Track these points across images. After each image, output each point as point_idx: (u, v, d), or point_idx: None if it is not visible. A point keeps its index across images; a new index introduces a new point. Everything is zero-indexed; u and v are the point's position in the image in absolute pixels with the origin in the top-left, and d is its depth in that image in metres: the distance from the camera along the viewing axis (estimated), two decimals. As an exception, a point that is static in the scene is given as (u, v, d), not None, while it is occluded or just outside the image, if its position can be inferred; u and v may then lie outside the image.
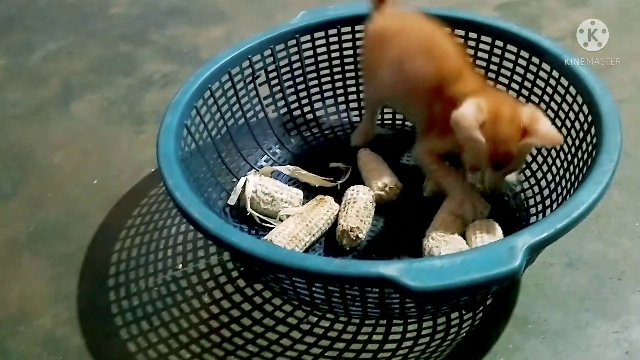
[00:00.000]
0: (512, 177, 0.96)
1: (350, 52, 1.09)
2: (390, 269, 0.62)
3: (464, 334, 0.81)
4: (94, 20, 1.63)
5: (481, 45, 1.02)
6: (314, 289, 0.75)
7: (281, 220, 0.92)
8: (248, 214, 0.94)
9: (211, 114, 0.96)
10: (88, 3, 1.71)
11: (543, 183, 0.94)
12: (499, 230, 0.86)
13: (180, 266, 0.92)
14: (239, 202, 0.96)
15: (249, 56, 1.01)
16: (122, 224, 1.00)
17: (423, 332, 0.82)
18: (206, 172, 0.94)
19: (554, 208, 0.88)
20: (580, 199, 0.69)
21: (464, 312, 0.83)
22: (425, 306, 0.77)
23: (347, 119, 1.14)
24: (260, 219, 0.94)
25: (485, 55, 1.02)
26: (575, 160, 0.85)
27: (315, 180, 1.00)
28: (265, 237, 0.87)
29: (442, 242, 0.82)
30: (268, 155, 1.08)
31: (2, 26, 1.66)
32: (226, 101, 1.00)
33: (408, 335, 0.81)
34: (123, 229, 1.00)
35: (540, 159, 0.96)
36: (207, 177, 0.93)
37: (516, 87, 1.00)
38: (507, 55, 1.00)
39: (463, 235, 0.86)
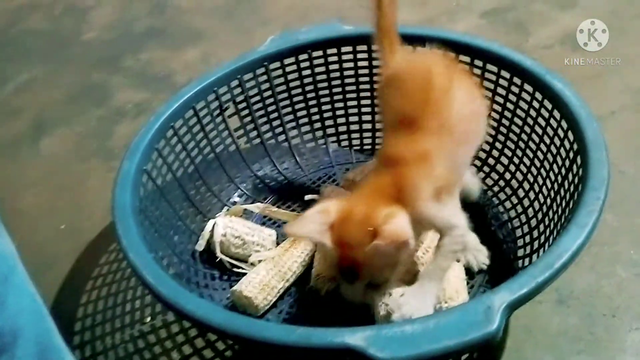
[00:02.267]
0: None
1: (324, 76, 1.03)
2: (356, 337, 0.57)
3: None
4: (68, 46, 1.58)
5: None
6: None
7: (253, 265, 0.87)
8: (218, 259, 0.89)
9: (175, 153, 0.91)
10: (62, 29, 1.66)
11: (530, 212, 0.89)
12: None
13: (149, 319, 0.87)
14: (209, 246, 0.91)
15: (215, 89, 0.95)
16: (90, 272, 0.96)
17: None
18: (172, 216, 0.89)
19: (541, 241, 0.83)
20: (563, 246, 0.63)
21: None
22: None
23: (324, 146, 1.08)
24: (231, 264, 0.89)
25: (465, 75, 0.96)
26: (562, 190, 0.80)
27: (287, 217, 0.95)
28: (235, 288, 0.82)
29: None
30: (242, 189, 1.03)
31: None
32: (192, 138, 0.94)
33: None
34: (90, 278, 0.95)
35: (526, 185, 0.91)
36: (173, 223, 0.88)
37: (498, 108, 0.94)
38: (487, 75, 0.94)
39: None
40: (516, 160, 0.93)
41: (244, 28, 1.54)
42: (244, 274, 0.86)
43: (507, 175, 0.95)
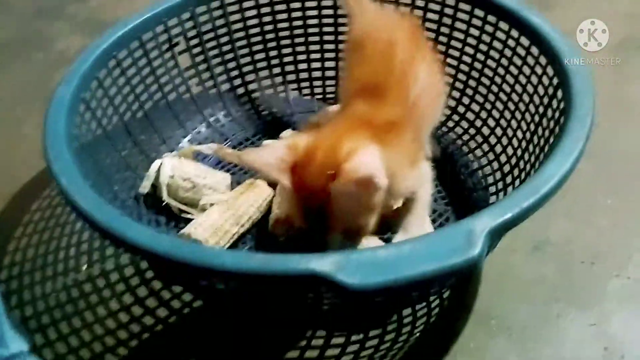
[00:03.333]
0: None
1: (285, 15, 0.95)
2: (323, 263, 0.50)
3: (418, 334, 0.70)
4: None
5: (430, 5, 0.90)
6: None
7: (204, 210, 0.79)
8: (164, 203, 0.80)
9: (118, 86, 0.82)
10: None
11: (503, 158, 0.83)
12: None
13: (85, 267, 0.78)
14: (155, 190, 0.82)
15: (164, 19, 0.86)
16: (20, 219, 0.85)
17: (370, 334, 0.70)
18: (113, 155, 0.80)
19: (516, 185, 0.77)
20: (549, 172, 0.57)
21: (417, 308, 0.72)
22: (369, 305, 0.65)
23: (284, 94, 1.01)
24: (179, 209, 0.81)
25: (436, 17, 0.90)
26: (540, 130, 0.74)
27: (240, 160, 0.86)
28: (183, 230, 0.74)
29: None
30: (192, 135, 0.94)
31: None
32: (137, 72, 0.85)
33: (353, 338, 0.69)
34: (20, 225, 0.85)
35: (499, 131, 0.85)
36: (114, 162, 0.79)
37: (470, 51, 0.88)
38: (459, 15, 0.88)
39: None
40: (488, 105, 0.88)
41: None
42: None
43: (478, 123, 0.89)
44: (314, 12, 0.95)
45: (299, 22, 0.96)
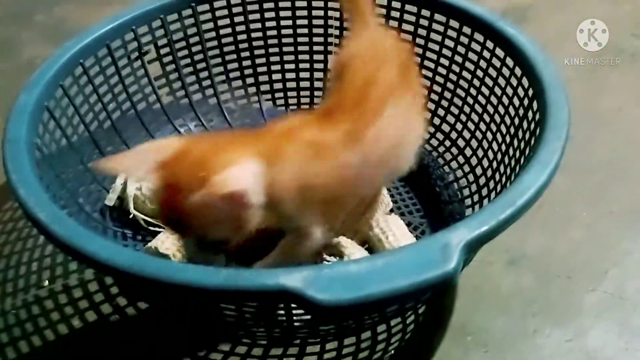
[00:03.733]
0: None
1: (259, 24, 0.94)
2: (293, 278, 0.48)
3: (392, 351, 0.68)
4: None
5: (406, 16, 0.89)
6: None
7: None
8: (131, 216, 0.77)
9: (84, 95, 0.79)
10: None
11: (479, 170, 0.82)
12: (404, 226, 0.75)
13: (47, 283, 0.75)
14: (121, 203, 0.79)
15: (133, 27, 0.84)
16: (-22, 233, 0.82)
17: (345, 351, 0.68)
18: (78, 166, 0.77)
19: (492, 198, 0.76)
20: (525, 183, 0.56)
21: (391, 324, 0.70)
22: (342, 323, 0.63)
23: (257, 104, 0.99)
24: (146, 221, 0.78)
25: (411, 28, 0.89)
26: (516, 141, 0.73)
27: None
28: (150, 244, 0.71)
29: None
30: (162, 146, 0.91)
31: None
32: (105, 80, 0.83)
33: (326, 356, 0.67)
34: (-22, 239, 0.81)
35: (475, 142, 0.84)
36: (79, 174, 0.77)
37: (446, 62, 0.87)
38: (434, 26, 0.87)
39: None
40: (463, 117, 0.87)
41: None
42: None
43: (454, 135, 0.88)
44: (289, 22, 0.93)
45: (273, 32, 0.94)
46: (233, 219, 0.56)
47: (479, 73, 0.83)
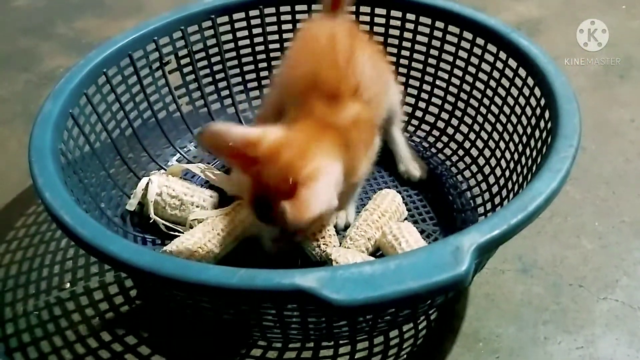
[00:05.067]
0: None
1: (276, 36, 0.96)
2: (308, 279, 0.49)
3: (405, 356, 0.69)
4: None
5: (420, 28, 0.91)
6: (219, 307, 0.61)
7: (191, 227, 0.78)
8: (152, 221, 0.79)
9: (107, 103, 0.82)
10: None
11: (491, 179, 0.83)
12: (417, 233, 0.77)
13: (68, 285, 0.77)
14: (142, 208, 0.81)
15: (155, 38, 0.87)
16: (2, 236, 0.84)
17: (357, 356, 0.69)
18: (100, 171, 0.79)
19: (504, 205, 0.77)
20: (536, 189, 0.57)
21: (404, 329, 0.71)
22: (357, 324, 0.64)
23: (273, 114, 1.01)
24: (166, 226, 0.80)
25: (425, 39, 0.91)
26: (528, 150, 0.75)
27: (227, 184, 0.85)
28: (166, 248, 0.73)
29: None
30: (181, 153, 0.94)
31: None
32: (127, 89, 0.85)
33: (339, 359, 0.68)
34: (3, 242, 0.83)
35: (487, 151, 0.86)
36: (101, 179, 0.79)
37: (459, 73, 0.89)
38: (448, 37, 0.89)
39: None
40: (477, 127, 0.88)
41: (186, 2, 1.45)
42: (180, 237, 0.77)
43: (467, 144, 0.90)
44: (305, 34, 0.95)
45: (290, 44, 0.96)
46: (322, 217, 0.68)
47: (492, 83, 0.84)
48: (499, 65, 0.82)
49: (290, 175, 0.61)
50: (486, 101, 0.86)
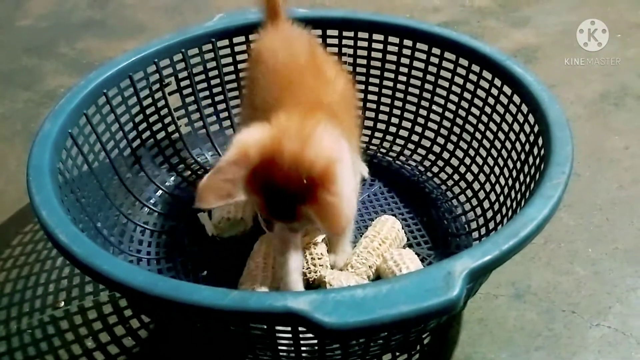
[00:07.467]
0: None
1: (274, 60, 0.97)
2: (300, 301, 0.49)
3: (398, 381, 0.69)
4: None
5: (417, 54, 0.92)
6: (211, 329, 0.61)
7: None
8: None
9: (106, 123, 0.83)
10: (-6, 14, 1.56)
11: (486, 204, 0.84)
12: (417, 260, 0.77)
13: (62, 304, 0.77)
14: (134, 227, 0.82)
15: (155, 60, 0.88)
16: (-1, 254, 0.85)
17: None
18: (100, 195, 0.80)
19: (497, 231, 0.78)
20: (528, 215, 0.58)
21: (397, 354, 0.71)
22: (349, 347, 0.64)
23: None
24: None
25: (422, 65, 0.92)
26: (522, 176, 0.75)
27: (209, 225, 0.84)
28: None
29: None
30: (178, 174, 0.94)
31: None
32: (126, 110, 0.86)
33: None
34: (-1, 260, 0.84)
35: (482, 177, 0.86)
36: (100, 201, 0.79)
37: (455, 98, 0.90)
38: (444, 64, 0.90)
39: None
40: (472, 152, 0.89)
41: (188, 24, 1.46)
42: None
43: (462, 169, 0.91)
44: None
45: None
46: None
47: (487, 109, 0.86)
48: (494, 92, 0.84)
49: (303, 173, 0.58)
50: (481, 127, 0.87)
